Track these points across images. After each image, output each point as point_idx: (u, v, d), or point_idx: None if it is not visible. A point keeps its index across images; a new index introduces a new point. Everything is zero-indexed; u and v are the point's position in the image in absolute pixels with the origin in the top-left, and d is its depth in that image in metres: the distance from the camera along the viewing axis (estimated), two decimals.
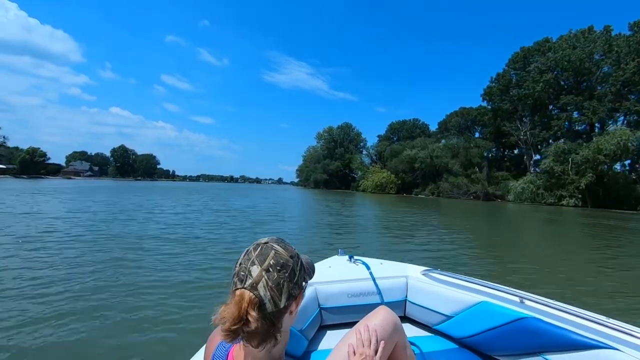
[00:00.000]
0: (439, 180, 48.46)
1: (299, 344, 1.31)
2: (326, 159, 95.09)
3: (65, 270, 4.22)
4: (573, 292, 4.23)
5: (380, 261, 1.96)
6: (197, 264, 4.83)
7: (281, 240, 0.73)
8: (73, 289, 3.52)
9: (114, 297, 3.32)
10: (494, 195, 38.69)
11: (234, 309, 0.59)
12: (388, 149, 61.61)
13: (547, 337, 1.15)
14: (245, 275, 0.63)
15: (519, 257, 6.64)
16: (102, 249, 5.49)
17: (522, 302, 1.34)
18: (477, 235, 10.38)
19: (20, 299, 3.19)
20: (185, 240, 6.63)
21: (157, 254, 5.36)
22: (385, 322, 0.95)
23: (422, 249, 7.06)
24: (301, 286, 0.71)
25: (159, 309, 3.05)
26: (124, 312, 2.95)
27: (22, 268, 4.25)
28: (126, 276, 4.03)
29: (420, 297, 1.64)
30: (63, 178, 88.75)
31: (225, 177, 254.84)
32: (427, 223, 12.77)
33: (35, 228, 7.28)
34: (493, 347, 1.33)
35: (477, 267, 5.58)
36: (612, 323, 1.14)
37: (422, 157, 50.44)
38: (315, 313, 1.51)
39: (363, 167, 65.15)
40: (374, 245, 7.71)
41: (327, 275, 1.69)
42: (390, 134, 76.76)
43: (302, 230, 9.62)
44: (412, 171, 52.86)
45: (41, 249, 5.31)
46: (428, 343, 1.46)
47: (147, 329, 2.66)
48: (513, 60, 42.46)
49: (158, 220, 9.83)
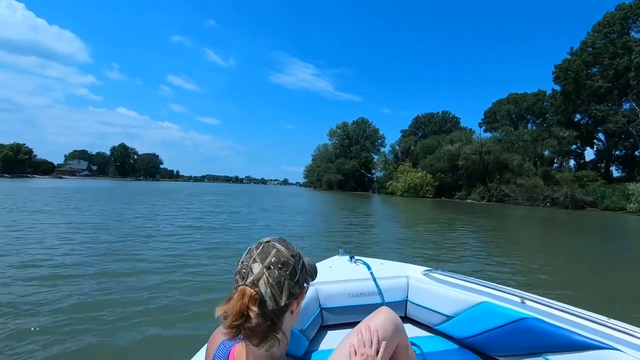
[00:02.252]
0: (490, 181, 38.94)
1: (300, 344, 1.30)
2: (340, 157, 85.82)
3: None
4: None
5: (381, 261, 1.95)
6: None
7: (283, 240, 0.73)
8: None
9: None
10: (582, 202, 28.93)
11: (236, 305, 0.60)
12: (418, 144, 52.14)
13: (548, 337, 1.13)
14: (246, 272, 0.64)
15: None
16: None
17: (523, 302, 1.33)
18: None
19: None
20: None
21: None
22: (387, 322, 0.95)
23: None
24: (302, 286, 0.70)
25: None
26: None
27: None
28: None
29: (421, 297, 1.62)
30: (53, 177, 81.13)
31: (230, 178, 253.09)
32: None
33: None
34: (494, 347, 1.31)
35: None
36: (613, 323, 1.12)
37: (468, 153, 40.93)
38: (316, 313, 1.50)
39: (388, 165, 55.60)
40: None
41: (328, 275, 1.68)
42: (415, 129, 67.36)
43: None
44: (453, 170, 43.40)
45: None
46: (429, 343, 1.44)
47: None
48: (605, 24, 32.68)
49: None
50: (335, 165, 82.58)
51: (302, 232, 8.78)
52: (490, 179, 39.13)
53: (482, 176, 40.47)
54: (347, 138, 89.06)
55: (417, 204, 29.00)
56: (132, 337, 2.49)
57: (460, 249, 7.20)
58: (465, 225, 12.64)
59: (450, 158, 42.92)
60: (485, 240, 9.08)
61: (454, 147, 42.91)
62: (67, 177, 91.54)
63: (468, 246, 7.72)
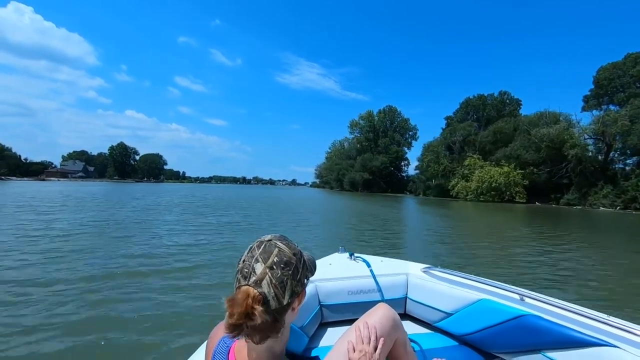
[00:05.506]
0: (624, 179, 26.03)
1: (300, 341, 1.30)
2: (365, 152, 73.16)
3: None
4: None
5: (380, 258, 1.93)
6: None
7: (284, 237, 0.71)
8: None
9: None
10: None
11: (239, 305, 0.59)
12: (488, 129, 39.25)
13: (547, 334, 1.14)
14: (248, 272, 0.63)
15: None
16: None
17: (523, 299, 1.33)
18: None
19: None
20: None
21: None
22: (385, 319, 0.95)
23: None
24: (304, 283, 0.70)
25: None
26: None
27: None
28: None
29: (421, 294, 1.62)
30: (36, 180, 70.42)
31: (237, 179, 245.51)
32: None
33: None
34: (493, 344, 1.31)
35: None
36: (613, 321, 1.12)
37: (581, 139, 28.13)
38: (315, 310, 1.49)
39: (441, 160, 42.82)
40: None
41: (328, 272, 1.67)
42: (465, 114, 54.49)
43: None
44: (553, 164, 30.57)
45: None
46: (428, 340, 1.44)
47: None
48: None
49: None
50: (360, 161, 69.59)
51: None
52: (624, 175, 26.23)
53: (604, 171, 27.60)
54: (372, 130, 76.18)
55: (523, 217, 16.73)
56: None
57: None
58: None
59: (550, 146, 30.09)
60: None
61: (554, 130, 30.03)
62: (53, 179, 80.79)
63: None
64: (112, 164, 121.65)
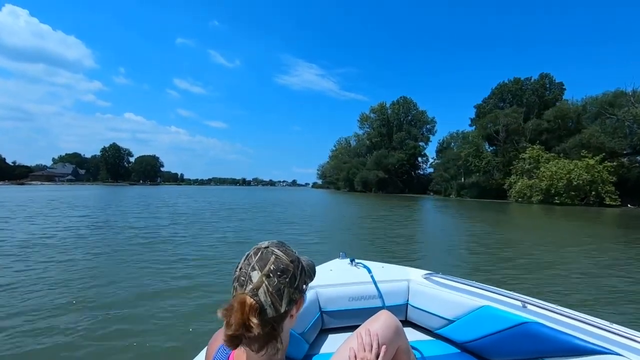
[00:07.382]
0: None
1: (300, 348, 1.29)
2: (378, 148, 65.79)
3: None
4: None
5: (381, 264, 1.90)
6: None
7: (282, 244, 0.70)
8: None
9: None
10: None
11: (237, 315, 0.58)
12: (548, 115, 31.91)
13: (549, 342, 1.12)
14: (245, 280, 0.62)
15: None
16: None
17: (525, 306, 1.31)
18: None
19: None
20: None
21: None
22: (387, 326, 0.94)
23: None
24: (302, 290, 0.69)
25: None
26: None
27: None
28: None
29: (422, 301, 1.60)
30: (13, 184, 63.17)
31: (237, 180, 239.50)
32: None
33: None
34: (495, 351, 1.30)
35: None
36: (616, 328, 1.11)
37: None
38: (316, 316, 1.48)
39: (482, 153, 35.56)
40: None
41: (329, 278, 1.66)
42: (498, 101, 47.31)
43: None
44: None
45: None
46: (430, 347, 1.43)
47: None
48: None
49: None
50: (373, 159, 62.13)
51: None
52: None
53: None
54: (385, 124, 68.85)
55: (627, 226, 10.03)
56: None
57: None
58: None
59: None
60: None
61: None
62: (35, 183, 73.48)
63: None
64: (104, 166, 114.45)
